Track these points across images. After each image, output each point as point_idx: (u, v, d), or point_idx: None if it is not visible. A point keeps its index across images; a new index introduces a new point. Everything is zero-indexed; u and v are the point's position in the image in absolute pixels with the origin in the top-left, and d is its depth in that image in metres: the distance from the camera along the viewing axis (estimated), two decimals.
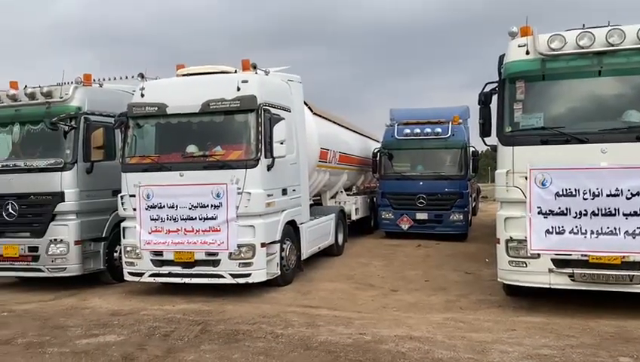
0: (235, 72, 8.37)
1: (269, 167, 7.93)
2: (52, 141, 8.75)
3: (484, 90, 7.22)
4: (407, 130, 14.16)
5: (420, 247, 12.77)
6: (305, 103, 10.16)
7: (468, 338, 5.68)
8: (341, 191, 13.80)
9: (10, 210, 8.71)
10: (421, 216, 13.89)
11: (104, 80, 10.03)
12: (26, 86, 9.06)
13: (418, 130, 14.07)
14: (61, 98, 8.72)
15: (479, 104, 7.26)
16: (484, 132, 7.26)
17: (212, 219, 7.77)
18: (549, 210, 6.45)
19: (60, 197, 8.56)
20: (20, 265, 8.78)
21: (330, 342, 5.60)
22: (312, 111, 10.84)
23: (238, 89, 7.80)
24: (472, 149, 14.27)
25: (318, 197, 12.73)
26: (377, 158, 14.48)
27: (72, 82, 9.00)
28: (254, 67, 8.25)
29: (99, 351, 5.49)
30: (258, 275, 7.78)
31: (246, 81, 7.88)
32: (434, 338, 5.73)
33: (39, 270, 8.72)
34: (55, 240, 8.58)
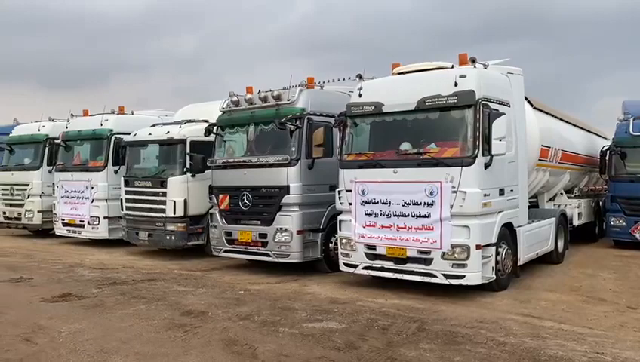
0: (452, 67, 8.19)
1: (487, 166, 7.58)
2: (280, 139, 9.63)
3: None
4: None
5: None
6: (525, 97, 9.47)
7: None
8: (561, 193, 12.57)
9: (245, 201, 9.84)
10: None
11: (325, 82, 10.70)
12: (259, 90, 10.15)
13: None
14: (288, 100, 9.56)
15: None
16: None
17: (425, 217, 7.71)
18: None
19: (285, 190, 9.38)
20: (251, 249, 9.89)
21: (562, 357, 5.11)
22: (532, 105, 10.07)
23: (456, 84, 7.60)
24: None
25: (534, 199, 11.79)
26: (607, 157, 12.85)
27: (297, 85, 9.80)
28: (473, 61, 7.96)
29: (324, 336, 5.86)
30: (473, 278, 7.49)
31: (464, 76, 7.63)
32: None
33: (267, 255, 9.70)
34: (281, 228, 9.44)
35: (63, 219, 14.29)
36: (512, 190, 8.41)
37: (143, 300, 7.82)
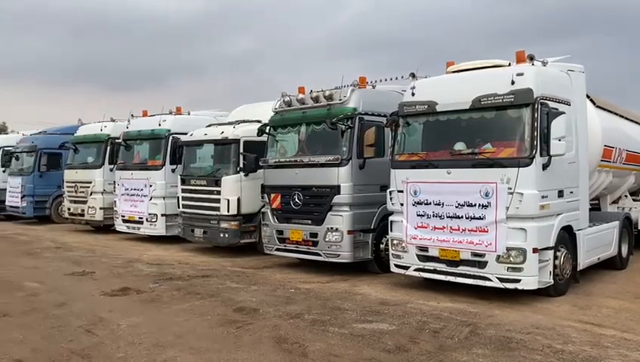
0: (509, 65, 7.95)
1: (545, 166, 7.32)
2: (331, 139, 9.63)
3: None
4: None
5: None
6: (587, 96, 9.08)
7: None
8: (626, 196, 11.97)
9: (297, 200, 9.92)
10: None
11: (377, 81, 10.63)
12: (311, 90, 10.20)
13: None
14: (340, 100, 9.55)
15: None
16: None
17: (479, 218, 7.53)
18: None
19: (336, 190, 9.38)
20: (302, 248, 9.97)
21: None
22: (594, 104, 9.63)
23: (513, 82, 7.37)
24: None
25: (596, 202, 11.27)
26: None
27: (349, 85, 9.79)
28: (531, 58, 7.69)
29: (374, 338, 5.83)
30: (529, 282, 7.25)
31: (521, 74, 7.40)
32: None
33: (318, 254, 9.74)
34: (331, 228, 9.45)
35: (123, 216, 14.90)
36: (571, 192, 8.08)
37: (197, 296, 8.04)
